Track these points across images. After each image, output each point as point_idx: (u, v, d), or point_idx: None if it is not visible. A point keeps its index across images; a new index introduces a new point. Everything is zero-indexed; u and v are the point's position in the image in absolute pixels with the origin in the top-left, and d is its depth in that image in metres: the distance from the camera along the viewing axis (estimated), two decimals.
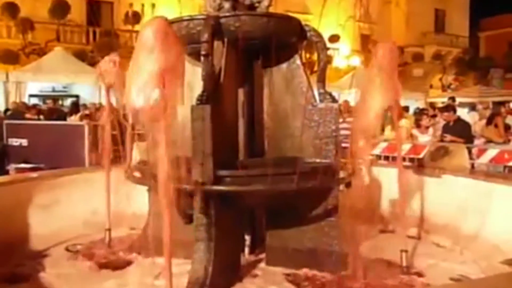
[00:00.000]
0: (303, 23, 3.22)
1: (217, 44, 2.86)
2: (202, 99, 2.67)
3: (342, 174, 3.19)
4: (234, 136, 3.03)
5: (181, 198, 2.96)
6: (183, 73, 2.04)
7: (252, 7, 3.29)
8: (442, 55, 28.08)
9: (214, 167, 2.68)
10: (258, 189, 2.65)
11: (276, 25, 2.91)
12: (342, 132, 3.64)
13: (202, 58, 2.74)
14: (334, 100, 3.18)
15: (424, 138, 7.20)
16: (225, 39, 2.90)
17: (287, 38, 3.12)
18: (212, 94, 2.69)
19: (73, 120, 9.37)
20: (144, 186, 3.20)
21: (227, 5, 3.15)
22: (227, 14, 2.98)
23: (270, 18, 2.93)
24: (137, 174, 3.18)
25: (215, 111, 2.67)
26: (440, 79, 26.33)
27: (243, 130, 3.21)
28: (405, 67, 25.76)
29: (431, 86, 25.25)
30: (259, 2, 3.30)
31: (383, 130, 7.34)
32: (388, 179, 3.68)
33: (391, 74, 2.76)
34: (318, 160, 3.12)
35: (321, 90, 3.18)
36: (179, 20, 3.07)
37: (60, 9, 17.38)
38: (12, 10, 17.10)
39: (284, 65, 3.26)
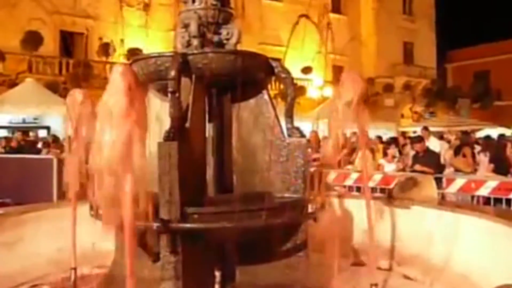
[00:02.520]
0: (270, 60, 3.28)
1: (184, 80, 2.88)
2: (169, 136, 2.66)
3: (311, 209, 3.20)
4: (202, 172, 3.02)
5: (147, 235, 2.92)
6: (145, 115, 2.07)
7: (221, 44, 3.34)
8: (412, 86, 29.01)
9: (181, 204, 2.65)
10: (226, 226, 2.63)
11: (244, 62, 2.95)
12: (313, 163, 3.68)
13: (169, 95, 2.74)
14: (302, 135, 3.22)
15: (390, 167, 7.34)
16: (193, 76, 2.92)
17: (255, 75, 3.17)
18: (179, 130, 2.68)
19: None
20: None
21: (195, 42, 3.19)
22: (195, 51, 3.01)
23: (237, 56, 2.97)
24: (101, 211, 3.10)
25: (182, 148, 2.66)
26: (410, 109, 27.08)
27: (212, 166, 3.21)
28: (377, 97, 26.44)
29: (402, 116, 25.92)
30: (228, 39, 3.36)
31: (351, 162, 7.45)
32: (360, 210, 3.71)
33: (356, 102, 2.78)
34: (287, 195, 3.13)
35: (289, 125, 3.22)
36: (147, 57, 3.09)
37: (32, 40, 17.27)
38: None
39: (252, 101, 3.29)
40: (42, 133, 15.38)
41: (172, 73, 2.72)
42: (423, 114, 24.71)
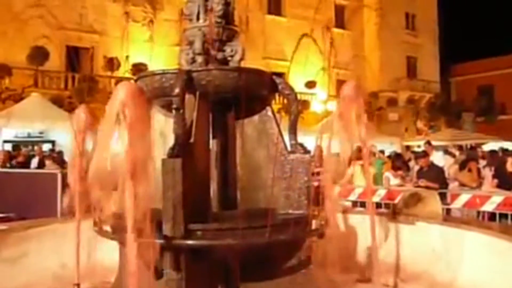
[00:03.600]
0: (273, 77, 3.31)
1: (189, 97, 2.90)
2: (173, 152, 2.67)
3: (315, 225, 3.19)
4: (206, 189, 3.02)
5: (151, 252, 2.91)
6: (149, 130, 2.09)
7: (225, 61, 3.37)
8: (415, 100, 29.03)
9: (185, 220, 2.65)
10: (230, 243, 2.62)
11: (247, 79, 2.98)
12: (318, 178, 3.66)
13: (173, 111, 2.77)
14: (306, 151, 3.22)
15: (395, 181, 7.33)
16: (197, 93, 2.95)
17: (258, 91, 3.19)
18: (184, 147, 2.70)
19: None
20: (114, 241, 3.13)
21: (200, 59, 3.22)
22: (199, 68, 3.04)
23: (241, 73, 3.00)
24: (106, 227, 3.12)
25: (187, 164, 2.67)
26: (414, 123, 27.07)
27: (216, 182, 3.21)
28: (381, 112, 26.47)
29: (406, 130, 25.91)
30: (231, 56, 3.39)
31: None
32: (364, 226, 3.69)
33: (357, 114, 2.77)
34: (290, 211, 3.12)
35: (293, 142, 3.23)
36: (152, 74, 3.13)
37: (39, 55, 17.48)
38: None
39: (256, 117, 3.31)
40: (47, 147, 15.48)
41: (177, 90, 2.75)
42: (427, 129, 24.68)
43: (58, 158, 10.16)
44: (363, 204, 6.82)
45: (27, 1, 19.60)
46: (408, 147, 19.68)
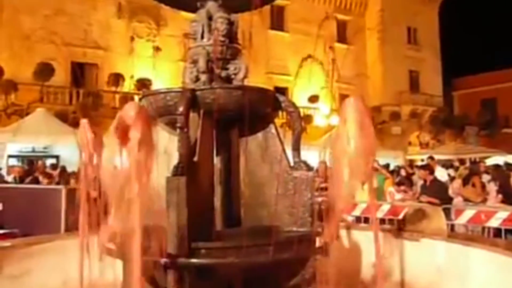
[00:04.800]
0: (277, 94, 3.34)
1: (192, 115, 2.93)
2: (178, 171, 2.69)
3: (319, 243, 3.18)
4: (210, 206, 3.03)
5: (155, 270, 2.91)
6: (153, 149, 2.12)
7: (228, 79, 3.40)
8: (418, 114, 29.04)
9: (189, 239, 2.65)
10: (234, 262, 2.62)
11: (251, 97, 3.00)
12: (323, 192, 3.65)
13: (178, 130, 2.79)
14: (309, 168, 3.23)
15: (399, 196, 7.31)
16: (201, 111, 2.97)
17: (262, 109, 3.22)
18: (188, 165, 2.71)
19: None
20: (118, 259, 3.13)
21: (203, 77, 3.26)
22: (203, 87, 3.08)
23: (244, 91, 3.03)
24: (110, 245, 3.11)
25: (191, 182, 2.69)
26: (418, 137, 27.05)
27: (220, 199, 3.22)
28: (384, 125, 26.48)
29: (409, 144, 25.88)
30: (235, 74, 3.43)
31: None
32: (368, 242, 3.67)
33: (361, 128, 2.74)
34: (294, 229, 3.12)
35: (296, 159, 3.24)
36: (157, 92, 3.16)
37: (44, 71, 17.68)
38: None
39: (259, 135, 3.33)
40: (51, 162, 15.52)
41: (181, 109, 2.78)
42: (433, 142, 24.59)
43: (54, 175, 10.14)
44: (367, 220, 6.79)
45: (34, 20, 19.91)
46: (411, 161, 19.64)
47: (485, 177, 9.33)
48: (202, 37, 3.45)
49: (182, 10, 4.12)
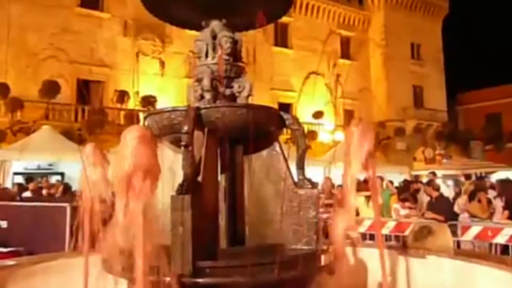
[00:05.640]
0: (281, 112, 3.36)
1: (197, 134, 2.95)
2: (182, 189, 2.69)
3: (324, 261, 3.16)
4: (215, 225, 3.03)
5: None
6: (158, 170, 2.15)
7: (233, 97, 3.43)
8: (423, 129, 29.01)
9: (194, 257, 2.65)
10: (239, 281, 2.61)
11: (255, 116, 3.02)
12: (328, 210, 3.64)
13: (182, 148, 2.81)
14: (313, 186, 3.23)
15: (404, 211, 7.28)
16: (206, 129, 2.99)
17: (266, 127, 3.23)
18: (192, 184, 2.72)
19: None
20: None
21: (208, 95, 3.28)
22: (208, 105, 3.10)
23: (248, 109, 3.05)
24: (114, 263, 3.10)
25: (195, 201, 2.69)
26: (423, 152, 26.94)
27: (224, 217, 3.22)
28: (388, 141, 26.45)
29: (414, 159, 25.77)
30: (239, 92, 3.46)
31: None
32: (373, 260, 3.64)
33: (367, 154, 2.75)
34: (299, 247, 3.11)
35: (301, 177, 3.25)
36: (162, 111, 3.19)
37: (50, 89, 17.86)
38: (3, 90, 17.52)
39: (264, 153, 3.34)
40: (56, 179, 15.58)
41: (186, 127, 2.80)
42: (438, 157, 24.39)
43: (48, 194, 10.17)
44: (372, 236, 6.75)
45: (41, 38, 20.22)
46: (417, 177, 19.53)
47: (491, 193, 9.27)
48: (207, 56, 3.49)
49: (187, 29, 4.18)
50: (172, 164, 3.37)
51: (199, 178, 2.82)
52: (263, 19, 3.16)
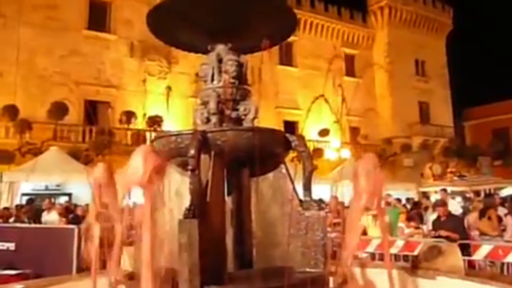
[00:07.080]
0: (287, 134, 3.37)
1: (204, 157, 2.96)
2: (189, 213, 2.70)
3: (333, 283, 3.13)
4: (222, 248, 3.02)
5: None
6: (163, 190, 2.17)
7: (239, 119, 3.46)
8: (429, 145, 28.86)
9: (201, 281, 2.64)
10: None
11: (261, 138, 3.03)
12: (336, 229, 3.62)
13: (189, 172, 2.82)
14: (320, 207, 3.22)
15: (409, 230, 7.21)
16: (212, 152, 3.01)
17: (272, 150, 3.24)
18: (200, 207, 2.73)
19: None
20: None
21: (214, 119, 3.31)
22: (213, 129, 3.13)
23: (254, 132, 3.07)
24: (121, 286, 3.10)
25: (203, 224, 2.69)
26: (430, 168, 26.75)
27: (231, 240, 3.21)
28: (395, 158, 26.32)
29: (422, 175, 25.59)
30: (245, 115, 3.48)
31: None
32: (382, 280, 3.59)
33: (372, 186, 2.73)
34: (307, 270, 3.08)
35: (307, 198, 3.24)
36: (168, 135, 3.21)
37: (58, 110, 18.04)
38: (12, 112, 17.73)
39: (270, 175, 3.35)
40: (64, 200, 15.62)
41: (192, 151, 2.82)
42: (450, 175, 24.10)
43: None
44: (381, 256, 6.66)
45: (50, 60, 20.54)
46: (424, 193, 19.35)
47: (501, 210, 9.16)
48: (213, 79, 3.53)
49: (193, 52, 4.23)
50: (180, 186, 3.38)
51: (206, 201, 2.83)
52: (268, 45, 3.21)
